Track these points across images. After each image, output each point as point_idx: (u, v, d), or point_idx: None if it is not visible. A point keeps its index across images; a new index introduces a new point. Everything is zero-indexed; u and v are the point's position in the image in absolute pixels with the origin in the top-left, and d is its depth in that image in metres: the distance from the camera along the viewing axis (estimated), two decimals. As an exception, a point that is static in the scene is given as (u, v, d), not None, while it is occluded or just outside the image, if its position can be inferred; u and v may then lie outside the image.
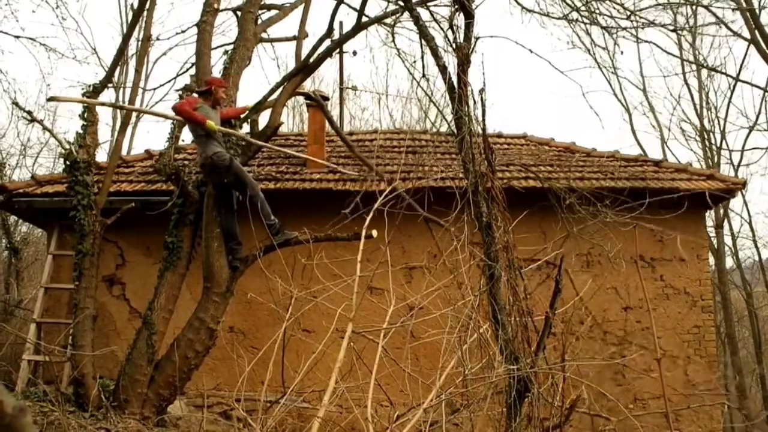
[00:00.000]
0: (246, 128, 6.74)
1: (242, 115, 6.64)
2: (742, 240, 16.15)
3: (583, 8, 5.89)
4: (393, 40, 5.78)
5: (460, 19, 4.44)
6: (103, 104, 6.99)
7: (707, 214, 10.29)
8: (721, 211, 14.70)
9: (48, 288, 7.93)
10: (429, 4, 5.30)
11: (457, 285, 4.26)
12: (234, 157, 6.14)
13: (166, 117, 6.74)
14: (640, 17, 6.13)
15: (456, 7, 4.44)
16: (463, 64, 4.38)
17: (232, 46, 7.13)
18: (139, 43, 8.70)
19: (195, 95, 6.41)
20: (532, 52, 5.40)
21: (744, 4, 10.40)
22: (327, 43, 6.78)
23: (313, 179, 8.20)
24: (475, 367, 4.10)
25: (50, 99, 6.00)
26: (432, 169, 8.14)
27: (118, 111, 16.30)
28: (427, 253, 7.05)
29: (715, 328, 9.53)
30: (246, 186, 6.10)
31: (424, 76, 5.03)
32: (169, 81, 23.62)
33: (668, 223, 6.46)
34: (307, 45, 7.18)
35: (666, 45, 29.07)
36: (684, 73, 16.40)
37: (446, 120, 5.32)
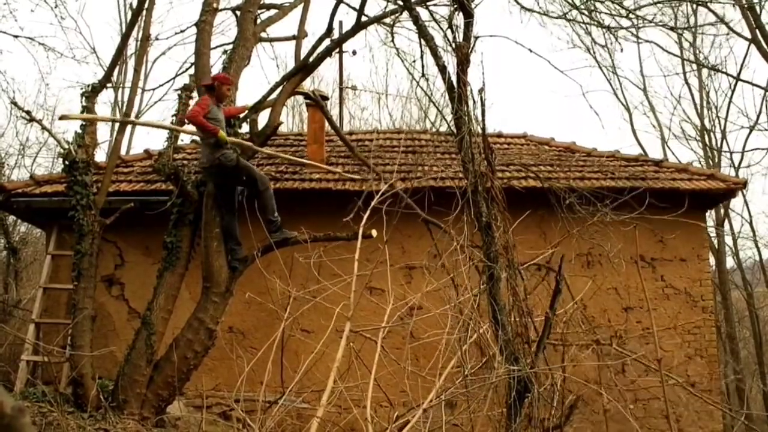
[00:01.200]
0: (245, 128, 6.74)
1: (242, 115, 6.65)
2: (742, 240, 16.13)
3: (582, 5, 5.86)
4: (392, 40, 5.78)
5: (459, 19, 4.42)
6: (113, 120, 6.99)
7: (708, 213, 10.27)
8: (722, 211, 14.68)
9: (47, 288, 7.91)
10: (428, 3, 5.29)
11: (456, 285, 4.25)
12: (239, 156, 6.13)
13: (176, 130, 6.70)
14: (639, 16, 6.11)
15: (455, 6, 4.42)
16: (463, 63, 4.36)
17: (231, 46, 7.12)
18: (138, 42, 8.68)
19: (199, 92, 6.39)
20: (531, 51, 5.38)
21: (744, 3, 10.38)
22: (326, 42, 6.77)
23: (313, 179, 8.18)
24: (476, 368, 4.09)
25: (62, 117, 5.98)
26: (432, 169, 8.12)
27: (117, 111, 16.28)
28: (427, 253, 7.03)
29: (716, 328, 9.51)
30: (256, 182, 6.09)
31: (423, 75, 5.02)
32: (168, 81, 23.54)
33: (668, 223, 6.44)
34: (306, 44, 7.18)
35: (666, 44, 29.04)
36: (684, 73, 16.39)
37: (446, 120, 5.31)
